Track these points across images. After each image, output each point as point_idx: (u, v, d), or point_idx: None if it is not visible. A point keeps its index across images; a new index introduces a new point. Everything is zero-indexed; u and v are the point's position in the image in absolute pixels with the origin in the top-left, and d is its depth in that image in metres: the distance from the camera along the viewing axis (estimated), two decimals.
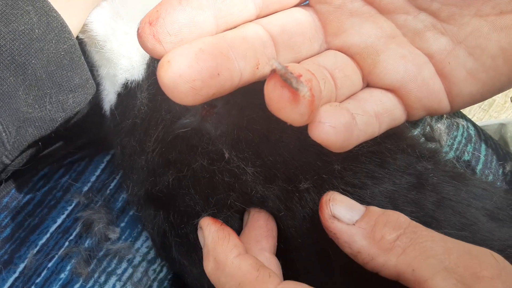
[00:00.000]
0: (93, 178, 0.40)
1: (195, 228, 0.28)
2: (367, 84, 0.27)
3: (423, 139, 0.42)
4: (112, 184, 0.40)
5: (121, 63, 0.32)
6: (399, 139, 0.31)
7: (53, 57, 0.30)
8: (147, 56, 0.32)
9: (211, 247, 0.25)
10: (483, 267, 0.21)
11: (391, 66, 0.25)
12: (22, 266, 0.36)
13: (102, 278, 0.35)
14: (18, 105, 0.29)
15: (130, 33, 0.32)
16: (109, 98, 0.34)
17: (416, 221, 0.26)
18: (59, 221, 0.38)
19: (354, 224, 0.23)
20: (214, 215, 0.29)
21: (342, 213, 0.24)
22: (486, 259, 0.21)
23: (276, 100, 0.19)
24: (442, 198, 0.28)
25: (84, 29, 0.33)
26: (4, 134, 0.29)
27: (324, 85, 0.22)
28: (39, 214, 0.39)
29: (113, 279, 0.35)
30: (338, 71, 0.25)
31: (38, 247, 0.37)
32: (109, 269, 0.36)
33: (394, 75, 0.25)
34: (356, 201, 0.25)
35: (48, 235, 0.38)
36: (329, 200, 0.24)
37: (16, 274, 0.36)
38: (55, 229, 0.38)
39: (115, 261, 0.36)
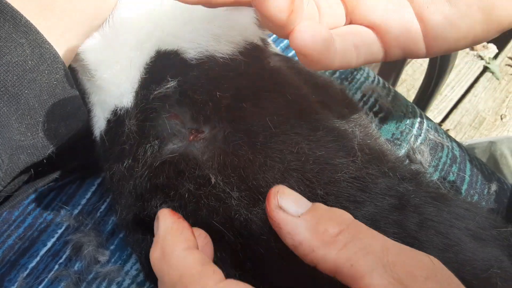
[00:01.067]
0: (83, 201, 0.41)
1: None
2: (350, 22, 0.29)
3: (407, 161, 0.43)
4: (103, 207, 0.40)
5: (111, 90, 0.33)
6: (381, 163, 0.32)
7: (46, 87, 0.32)
8: (135, 84, 0.33)
9: (161, 237, 0.26)
10: (419, 267, 0.22)
11: (372, 5, 0.28)
12: None
13: None
14: (11, 134, 0.30)
15: (120, 62, 0.34)
16: (99, 124, 0.35)
17: (399, 242, 0.27)
18: (49, 244, 0.39)
19: (299, 216, 0.24)
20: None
21: (288, 205, 0.25)
22: (423, 259, 0.22)
23: None
24: (425, 219, 0.29)
25: (76, 58, 0.35)
26: None
27: (308, 5, 0.26)
28: (29, 238, 0.39)
29: None
30: (323, 1, 0.28)
31: (28, 270, 0.38)
32: None
33: (375, 13, 0.28)
34: None
35: (38, 258, 0.38)
36: (277, 192, 0.25)
37: None
38: (45, 252, 0.38)
39: (104, 284, 0.37)
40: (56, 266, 0.38)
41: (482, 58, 1.45)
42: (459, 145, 0.48)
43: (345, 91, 0.42)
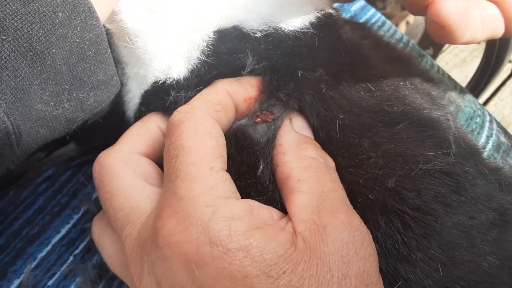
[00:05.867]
0: None
1: None
2: None
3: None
4: None
5: (153, 63, 0.26)
6: (479, 161, 0.26)
7: (76, 47, 0.24)
8: (190, 60, 0.26)
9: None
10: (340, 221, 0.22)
11: None
12: (17, 282, 0.30)
13: None
14: (32, 102, 0.23)
15: (166, 31, 0.27)
16: (135, 101, 0.28)
17: (497, 263, 0.22)
18: (63, 231, 0.32)
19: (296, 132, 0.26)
20: None
21: (297, 124, 0.27)
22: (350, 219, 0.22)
23: None
24: None
25: (112, 18, 0.27)
26: (13, 136, 0.23)
27: None
28: (39, 222, 0.32)
29: None
30: None
31: (37, 261, 0.31)
32: None
33: None
34: (421, 228, 0.22)
35: (49, 247, 0.32)
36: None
37: None
38: (58, 240, 0.32)
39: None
40: (71, 258, 0.31)
41: (510, 61, 1.36)
42: None
43: (429, 71, 0.35)
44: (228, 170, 0.23)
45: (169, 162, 0.23)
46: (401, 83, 0.27)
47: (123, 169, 0.25)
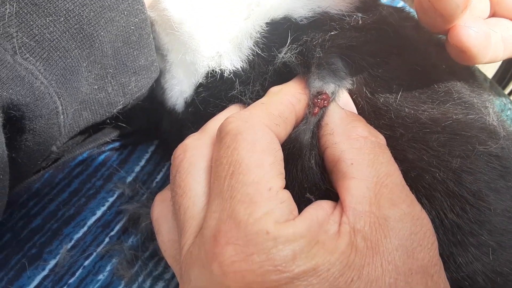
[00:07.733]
0: (137, 169, 0.34)
1: None
2: (493, 14, 0.27)
3: None
4: (159, 177, 0.33)
5: (202, 49, 0.26)
6: None
7: (122, 31, 0.24)
8: (242, 44, 0.25)
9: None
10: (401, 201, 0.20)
11: None
12: (53, 262, 0.30)
13: (148, 283, 0.29)
14: (79, 84, 0.23)
15: (213, 18, 0.26)
16: (181, 88, 0.28)
17: None
18: (98, 213, 0.32)
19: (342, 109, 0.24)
20: None
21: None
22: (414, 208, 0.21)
23: None
24: None
25: (154, 6, 0.27)
26: (62, 116, 0.22)
27: None
28: (75, 204, 0.32)
29: (159, 285, 0.29)
30: None
31: (73, 242, 0.31)
32: (156, 273, 0.30)
33: None
34: (475, 214, 0.22)
35: (85, 228, 0.31)
36: None
37: (46, 272, 0.29)
38: (94, 222, 0.32)
39: (162, 264, 0.30)
40: (107, 239, 0.31)
41: None
42: None
43: None
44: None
45: (222, 177, 0.21)
46: (443, 66, 0.26)
47: (200, 169, 0.23)
